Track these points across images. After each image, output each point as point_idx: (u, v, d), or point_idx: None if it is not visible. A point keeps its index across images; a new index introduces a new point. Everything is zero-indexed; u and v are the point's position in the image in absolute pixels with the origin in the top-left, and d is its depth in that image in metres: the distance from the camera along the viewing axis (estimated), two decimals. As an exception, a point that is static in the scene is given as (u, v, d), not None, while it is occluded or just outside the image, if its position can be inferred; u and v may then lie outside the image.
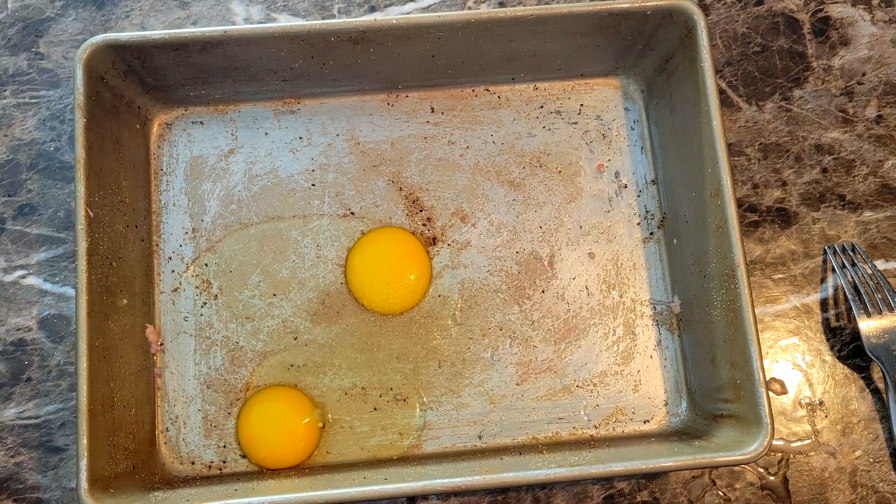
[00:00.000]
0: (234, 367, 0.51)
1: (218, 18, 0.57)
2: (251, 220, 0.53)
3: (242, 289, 0.52)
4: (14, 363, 0.51)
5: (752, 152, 0.55)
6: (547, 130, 0.55)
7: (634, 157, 0.55)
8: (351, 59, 0.51)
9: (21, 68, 0.55)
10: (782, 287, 0.54)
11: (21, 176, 0.54)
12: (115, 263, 0.48)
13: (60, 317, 0.52)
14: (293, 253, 0.53)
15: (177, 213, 0.53)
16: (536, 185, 0.54)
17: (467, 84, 0.55)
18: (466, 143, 0.54)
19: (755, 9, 0.58)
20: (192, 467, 0.49)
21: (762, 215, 0.55)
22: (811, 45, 0.57)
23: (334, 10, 0.57)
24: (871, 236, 0.54)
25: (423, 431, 0.50)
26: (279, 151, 0.54)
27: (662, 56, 0.52)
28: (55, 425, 0.50)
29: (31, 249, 0.53)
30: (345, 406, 0.50)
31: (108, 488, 0.44)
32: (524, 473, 0.44)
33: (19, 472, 0.50)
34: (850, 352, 0.53)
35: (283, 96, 0.54)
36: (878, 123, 0.56)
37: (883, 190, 0.55)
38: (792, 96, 0.56)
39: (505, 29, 0.49)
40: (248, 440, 0.49)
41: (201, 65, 0.50)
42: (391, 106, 0.55)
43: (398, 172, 0.54)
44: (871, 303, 0.52)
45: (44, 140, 0.54)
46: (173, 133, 0.54)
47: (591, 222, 0.54)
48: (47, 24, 0.56)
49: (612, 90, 0.56)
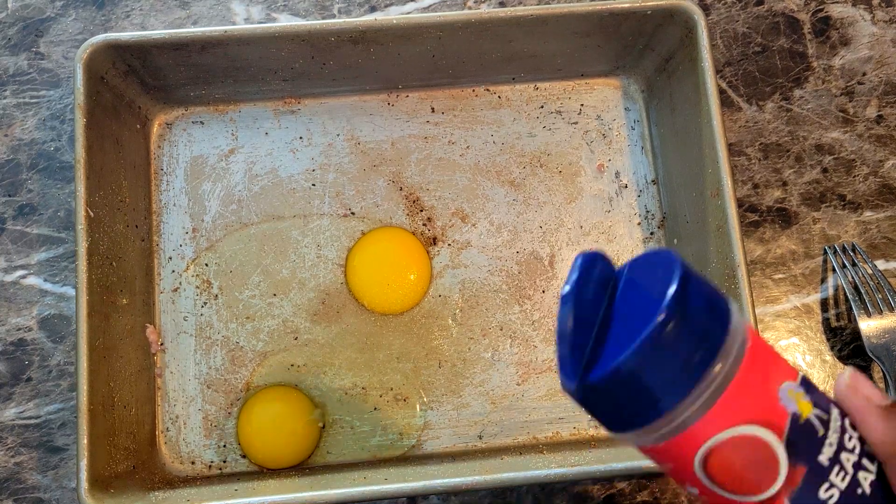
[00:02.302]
0: (235, 366, 0.51)
1: (218, 18, 0.57)
2: (251, 220, 0.53)
3: (243, 289, 0.52)
4: (14, 363, 0.51)
5: (752, 152, 0.55)
6: (547, 130, 0.55)
7: (635, 157, 0.55)
8: (351, 58, 0.51)
9: (21, 68, 0.55)
10: (783, 287, 0.54)
11: (21, 176, 0.54)
12: (116, 263, 0.48)
13: (61, 317, 0.52)
14: (293, 253, 0.53)
15: (177, 212, 0.53)
16: (537, 185, 0.54)
17: (468, 84, 0.55)
18: (467, 143, 0.54)
19: (755, 9, 0.58)
20: (193, 467, 0.49)
21: (762, 215, 0.55)
22: (811, 44, 0.57)
23: (334, 10, 0.57)
24: (872, 236, 0.54)
25: (423, 431, 0.50)
26: (279, 151, 0.54)
27: (663, 56, 0.52)
28: (55, 425, 0.50)
29: (31, 249, 0.53)
30: (345, 406, 0.50)
31: (109, 488, 0.44)
32: (524, 473, 0.44)
33: (19, 471, 0.50)
34: (850, 352, 0.53)
35: (284, 96, 0.54)
36: (878, 123, 0.56)
37: (883, 190, 0.55)
38: (792, 96, 0.56)
39: (505, 29, 0.49)
40: (249, 440, 0.49)
41: (201, 65, 0.50)
42: (391, 106, 0.55)
43: (398, 172, 0.54)
44: (871, 303, 0.52)
45: (44, 140, 0.54)
46: (173, 133, 0.54)
47: (591, 222, 0.54)
48: (47, 24, 0.56)
49: (612, 90, 0.56)
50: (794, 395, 0.26)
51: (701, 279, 0.26)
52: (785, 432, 0.26)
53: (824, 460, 0.26)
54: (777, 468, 0.26)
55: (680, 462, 0.27)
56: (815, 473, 0.26)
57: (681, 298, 0.25)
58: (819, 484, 0.26)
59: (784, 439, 0.26)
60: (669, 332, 0.25)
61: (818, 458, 0.26)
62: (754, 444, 0.26)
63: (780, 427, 0.26)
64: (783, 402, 0.26)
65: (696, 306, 0.25)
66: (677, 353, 0.25)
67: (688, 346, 0.25)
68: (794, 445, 0.26)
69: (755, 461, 0.26)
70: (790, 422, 0.26)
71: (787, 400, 0.26)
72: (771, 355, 0.27)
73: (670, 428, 0.26)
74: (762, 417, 0.26)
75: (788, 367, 0.27)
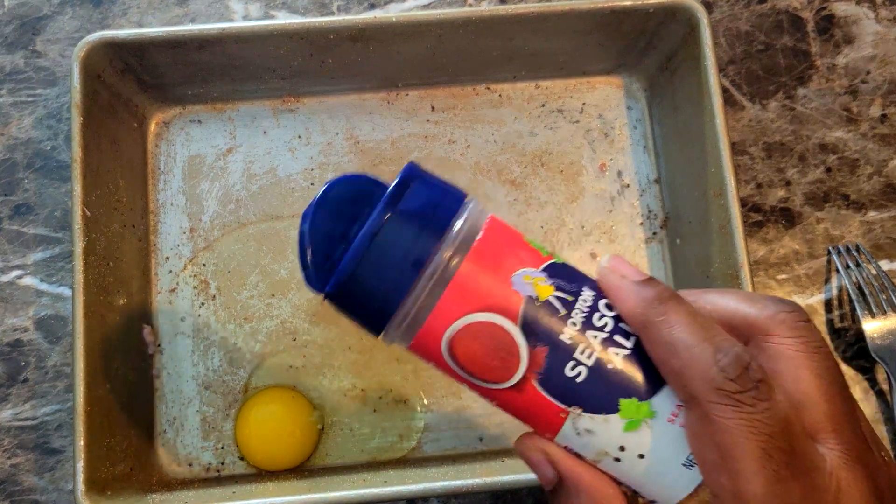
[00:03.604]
0: (233, 368, 0.50)
1: (216, 16, 0.56)
2: (250, 220, 0.53)
3: (241, 289, 0.51)
4: (10, 364, 0.51)
5: (755, 151, 0.55)
6: (548, 129, 0.54)
7: (637, 157, 0.54)
8: (350, 57, 0.50)
9: (18, 66, 0.55)
10: (786, 288, 0.53)
11: (18, 175, 0.53)
12: (113, 263, 0.48)
13: (57, 317, 0.51)
14: (292, 253, 0.52)
15: (174, 212, 0.52)
16: (538, 185, 0.54)
17: (468, 82, 0.54)
18: (467, 142, 0.54)
19: (758, 7, 0.57)
20: (190, 469, 0.49)
21: (766, 215, 0.54)
22: (815, 43, 0.57)
23: (333, 8, 0.57)
24: (876, 236, 0.54)
25: (423, 433, 0.50)
26: (278, 150, 0.53)
27: (665, 54, 0.51)
28: (52, 427, 0.50)
29: (27, 249, 0.52)
30: (344, 408, 0.50)
31: (106, 490, 0.44)
32: (525, 476, 0.43)
33: (16, 473, 0.49)
34: (854, 353, 0.52)
35: (282, 95, 0.54)
36: (882, 122, 0.56)
37: (887, 189, 0.55)
38: (796, 95, 0.56)
39: (506, 26, 0.49)
40: (247, 442, 0.49)
41: (199, 63, 0.50)
42: (391, 104, 0.54)
43: (398, 172, 0.53)
44: (875, 303, 0.51)
45: (40, 139, 0.54)
46: (171, 132, 0.54)
47: (593, 222, 0.53)
48: (44, 22, 0.56)
49: (614, 88, 0.55)
50: (531, 280, 0.27)
51: (430, 178, 0.29)
52: (519, 316, 0.27)
53: (566, 339, 0.27)
54: (517, 352, 0.27)
55: (433, 355, 0.28)
56: (558, 352, 0.27)
57: (393, 199, 0.27)
58: (564, 362, 0.27)
59: (519, 323, 0.27)
60: (384, 229, 0.27)
61: (559, 338, 0.27)
62: (490, 330, 0.27)
63: (513, 312, 0.27)
64: (516, 287, 0.27)
65: (411, 205, 0.27)
66: (395, 248, 0.27)
67: (404, 241, 0.27)
68: (530, 327, 0.27)
69: (494, 346, 0.27)
70: (524, 305, 0.27)
71: (522, 285, 0.27)
72: (509, 244, 0.28)
73: (409, 322, 0.27)
74: (494, 304, 0.27)
75: (534, 256, 0.28)
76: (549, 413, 0.27)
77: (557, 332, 0.27)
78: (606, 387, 0.27)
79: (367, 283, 0.27)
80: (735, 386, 0.24)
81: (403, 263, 0.27)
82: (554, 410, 0.27)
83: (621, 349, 0.27)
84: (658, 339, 0.26)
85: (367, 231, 0.27)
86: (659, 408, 0.27)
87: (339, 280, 0.27)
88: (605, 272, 0.28)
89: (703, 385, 0.25)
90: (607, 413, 0.27)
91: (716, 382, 0.24)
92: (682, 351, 0.25)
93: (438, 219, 0.27)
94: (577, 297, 0.28)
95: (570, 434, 0.28)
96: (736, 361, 0.25)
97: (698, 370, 0.25)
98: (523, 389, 0.27)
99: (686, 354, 0.25)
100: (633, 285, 0.27)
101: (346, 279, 0.27)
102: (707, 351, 0.25)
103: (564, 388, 0.27)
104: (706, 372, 0.25)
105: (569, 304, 0.27)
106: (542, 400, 0.27)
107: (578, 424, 0.27)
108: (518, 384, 0.27)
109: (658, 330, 0.26)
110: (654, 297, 0.27)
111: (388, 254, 0.27)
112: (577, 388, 0.27)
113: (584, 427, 0.27)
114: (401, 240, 0.27)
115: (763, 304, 0.27)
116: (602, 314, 0.27)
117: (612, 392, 0.27)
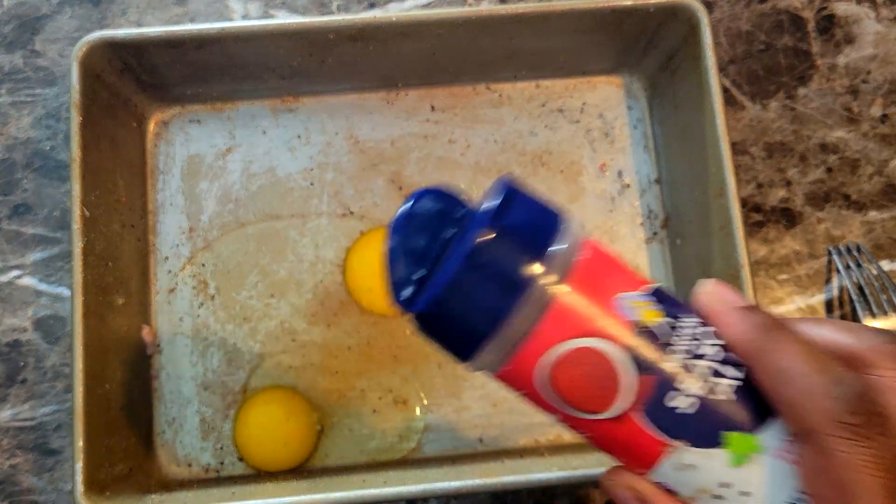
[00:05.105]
0: (232, 368, 0.50)
1: (215, 15, 0.56)
2: (249, 220, 0.52)
3: (240, 289, 0.51)
4: (9, 364, 0.51)
5: (756, 151, 0.55)
6: (549, 129, 0.54)
7: (637, 157, 0.54)
8: (350, 56, 0.50)
9: (17, 66, 0.55)
10: (787, 288, 0.53)
11: (16, 175, 0.53)
12: (111, 263, 0.48)
13: (56, 317, 0.51)
14: (291, 253, 0.52)
15: (173, 212, 0.52)
16: (538, 185, 0.53)
17: (468, 82, 0.54)
18: (467, 142, 0.54)
19: (759, 6, 0.57)
20: (189, 470, 0.49)
21: (766, 215, 0.54)
22: (816, 43, 0.57)
23: (333, 7, 0.57)
24: (877, 236, 0.54)
25: (423, 434, 0.50)
26: (277, 150, 0.53)
27: (666, 54, 0.51)
28: (51, 427, 0.50)
29: (26, 249, 0.52)
30: (344, 408, 0.50)
31: (105, 491, 0.44)
32: (526, 477, 0.43)
33: (14, 474, 0.49)
34: (855, 353, 0.52)
35: (282, 94, 0.54)
36: (883, 122, 0.56)
37: (888, 190, 0.55)
38: (796, 95, 0.56)
39: (506, 26, 0.49)
40: (246, 443, 0.48)
41: (198, 62, 0.50)
42: (391, 104, 0.54)
43: (398, 171, 0.53)
44: (876, 304, 0.51)
45: (39, 139, 0.54)
46: (170, 131, 0.53)
47: (593, 222, 0.53)
48: (43, 22, 0.56)
49: (614, 88, 0.55)
50: (635, 305, 0.26)
51: (528, 198, 0.27)
52: (626, 342, 0.25)
53: (672, 368, 0.25)
54: (620, 380, 0.25)
55: (525, 383, 0.26)
56: (663, 382, 0.25)
57: (496, 218, 0.25)
58: (669, 392, 0.25)
59: (625, 349, 0.25)
60: (481, 249, 0.25)
61: (665, 366, 0.25)
62: (593, 357, 0.25)
63: (619, 337, 0.25)
64: (621, 312, 0.26)
65: (509, 224, 0.26)
66: (493, 269, 0.25)
67: (502, 263, 0.25)
68: (636, 354, 0.25)
69: (597, 374, 0.25)
70: (631, 330, 0.26)
71: (627, 309, 0.26)
72: (611, 268, 0.27)
73: (504, 348, 0.26)
74: (598, 329, 0.25)
75: (634, 279, 0.27)
76: (648, 446, 0.26)
77: (664, 360, 0.25)
78: (712, 419, 0.25)
79: (461, 304, 0.25)
80: (856, 418, 0.23)
81: (501, 286, 0.25)
82: (653, 443, 0.26)
83: (728, 379, 0.26)
84: (771, 367, 0.25)
85: (464, 250, 0.25)
86: (767, 442, 0.25)
87: (432, 300, 0.25)
88: (707, 297, 0.27)
89: (820, 417, 0.23)
90: (711, 447, 0.25)
91: (835, 414, 0.23)
92: (798, 379, 0.24)
93: (537, 239, 0.26)
94: (681, 323, 0.26)
95: (667, 469, 0.26)
96: (856, 393, 0.23)
97: (815, 401, 0.24)
98: (623, 420, 0.26)
99: (802, 383, 0.24)
100: (740, 312, 0.26)
101: (440, 300, 0.25)
102: (825, 380, 0.24)
103: (668, 419, 0.25)
104: (824, 403, 0.23)
105: (674, 331, 0.26)
106: (642, 432, 0.26)
107: (679, 459, 0.25)
108: (619, 415, 0.26)
109: (771, 358, 0.25)
110: (764, 324, 0.25)
111: (485, 275, 0.25)
112: (681, 420, 0.25)
113: (685, 462, 0.25)
114: (499, 261, 0.25)
115: (863, 336, 0.26)
116: (706, 342, 0.26)
117: (718, 425, 0.25)
